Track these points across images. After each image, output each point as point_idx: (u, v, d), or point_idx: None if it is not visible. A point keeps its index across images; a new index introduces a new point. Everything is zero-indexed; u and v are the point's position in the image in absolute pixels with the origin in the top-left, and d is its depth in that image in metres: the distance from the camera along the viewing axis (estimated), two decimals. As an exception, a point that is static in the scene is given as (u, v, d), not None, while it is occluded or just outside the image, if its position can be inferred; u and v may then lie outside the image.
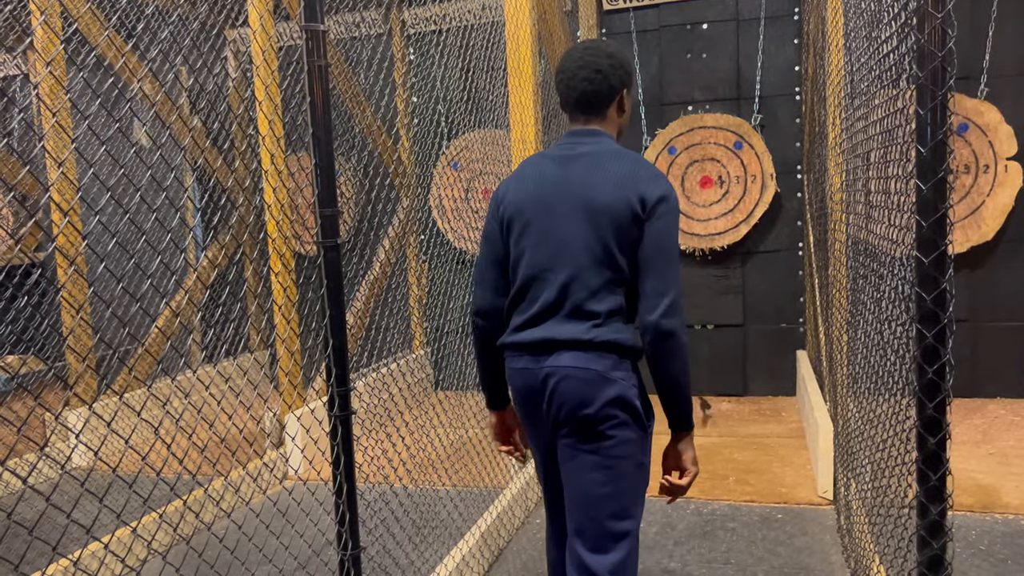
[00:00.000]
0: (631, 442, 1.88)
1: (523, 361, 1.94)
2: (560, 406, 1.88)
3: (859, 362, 2.84)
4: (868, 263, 2.57)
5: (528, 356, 1.93)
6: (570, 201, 1.89)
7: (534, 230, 1.92)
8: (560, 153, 1.97)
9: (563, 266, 1.88)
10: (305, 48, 2.09)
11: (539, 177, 1.95)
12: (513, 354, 1.98)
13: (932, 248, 1.61)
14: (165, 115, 5.35)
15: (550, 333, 1.89)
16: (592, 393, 1.85)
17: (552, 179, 1.93)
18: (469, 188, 6.01)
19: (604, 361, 1.85)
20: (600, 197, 1.85)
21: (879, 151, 2.25)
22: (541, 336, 1.90)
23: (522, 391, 1.97)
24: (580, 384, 1.85)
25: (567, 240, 1.88)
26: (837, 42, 3.37)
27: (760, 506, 3.75)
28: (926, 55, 1.57)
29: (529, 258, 1.93)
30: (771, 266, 5.63)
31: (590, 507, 1.89)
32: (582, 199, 1.87)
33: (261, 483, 3.99)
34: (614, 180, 1.86)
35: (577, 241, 1.87)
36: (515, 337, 1.96)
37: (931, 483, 1.67)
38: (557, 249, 1.89)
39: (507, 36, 4.01)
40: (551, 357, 1.89)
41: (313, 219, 5.85)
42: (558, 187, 1.91)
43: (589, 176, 1.89)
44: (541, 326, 1.91)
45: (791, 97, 5.53)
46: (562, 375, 1.87)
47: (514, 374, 1.98)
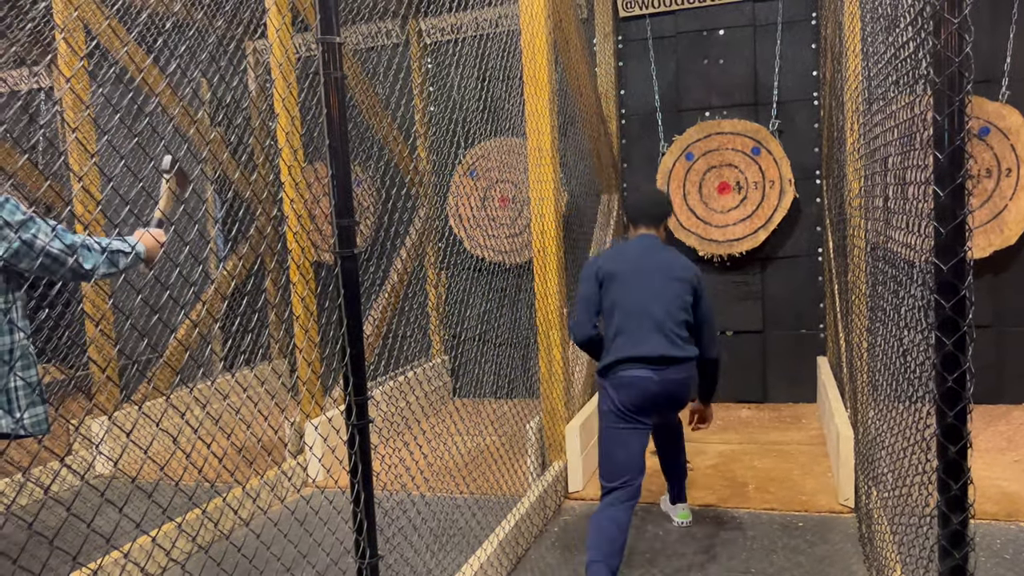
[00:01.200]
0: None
1: (643, 371, 3.02)
2: (668, 398, 3.09)
3: (879, 369, 2.81)
4: (887, 269, 2.54)
5: (647, 368, 3.02)
6: (656, 274, 3.11)
7: (630, 287, 3.10)
8: (640, 246, 3.22)
9: (657, 309, 3.05)
10: (321, 60, 2.11)
11: (629, 257, 3.18)
12: (631, 365, 3.03)
13: (951, 255, 1.59)
14: (185, 127, 5.41)
15: (659, 351, 3.01)
16: (684, 391, 3.13)
17: (639, 254, 3.18)
18: (486, 196, 6.02)
19: (689, 370, 3.12)
20: (675, 273, 3.13)
21: (897, 156, 2.23)
22: (657, 354, 3.01)
23: (639, 389, 3.02)
24: (679, 386, 3.10)
25: (657, 294, 3.08)
26: (854, 47, 3.35)
27: (780, 514, 3.71)
28: (943, 60, 1.56)
29: (628, 305, 3.07)
30: (791, 272, 5.59)
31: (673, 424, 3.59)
32: (664, 274, 3.11)
33: (280, 491, 4.01)
34: (678, 265, 3.16)
35: (663, 296, 3.08)
36: (631, 353, 3.03)
37: (952, 492, 1.65)
38: (651, 299, 3.07)
39: (523, 45, 4.02)
40: (666, 370, 3.03)
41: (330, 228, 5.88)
42: (646, 264, 3.14)
43: (666, 263, 3.15)
44: (648, 346, 3.02)
45: (809, 102, 5.50)
46: (671, 380, 3.06)
47: (633, 379, 3.03)
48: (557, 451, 4.13)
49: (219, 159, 5.72)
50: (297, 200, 4.19)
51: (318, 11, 2.09)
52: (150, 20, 4.85)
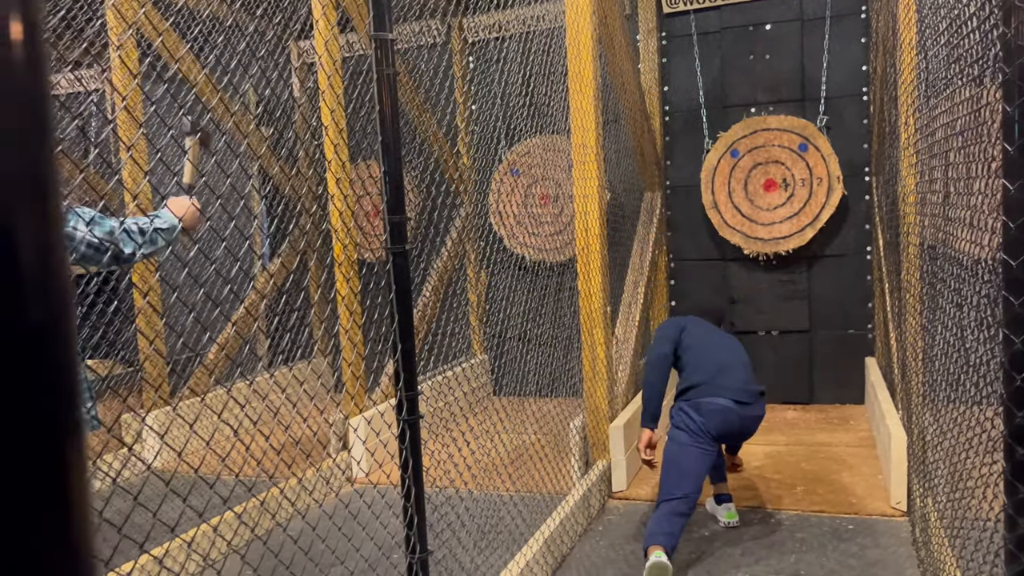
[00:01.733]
0: None
1: (729, 403, 3.35)
2: (743, 430, 3.44)
3: (937, 370, 2.75)
4: (947, 267, 2.48)
5: (732, 401, 3.35)
6: (725, 340, 3.68)
7: (711, 340, 3.62)
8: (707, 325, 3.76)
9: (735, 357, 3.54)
10: (374, 57, 2.12)
11: (700, 325, 3.71)
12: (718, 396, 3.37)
13: (1021, 250, 1.55)
14: (235, 126, 5.49)
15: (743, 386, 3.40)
16: (755, 426, 3.48)
17: (713, 329, 3.75)
18: (528, 194, 6.02)
19: (762, 410, 3.49)
20: (736, 342, 3.71)
21: (960, 151, 2.18)
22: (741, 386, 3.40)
23: (723, 417, 3.33)
24: (755, 421, 3.45)
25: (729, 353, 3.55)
26: (910, 40, 3.28)
27: (830, 516, 3.65)
28: (1013, 50, 1.52)
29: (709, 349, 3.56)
30: (838, 271, 5.50)
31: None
32: (729, 340, 3.69)
33: (332, 485, 4.05)
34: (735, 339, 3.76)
35: (734, 354, 3.56)
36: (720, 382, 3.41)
37: (1020, 495, 1.61)
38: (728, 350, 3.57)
39: (568, 42, 4.01)
40: (747, 407, 3.37)
41: (376, 226, 5.94)
42: (714, 333, 3.71)
43: (728, 335, 3.80)
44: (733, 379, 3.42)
45: (858, 97, 5.39)
46: (749, 417, 3.40)
47: (720, 408, 3.34)
48: (601, 450, 4.11)
49: (261, 156, 5.80)
50: (347, 196, 4.23)
51: (371, 8, 2.11)
52: (204, 22, 4.93)
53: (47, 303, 0.34)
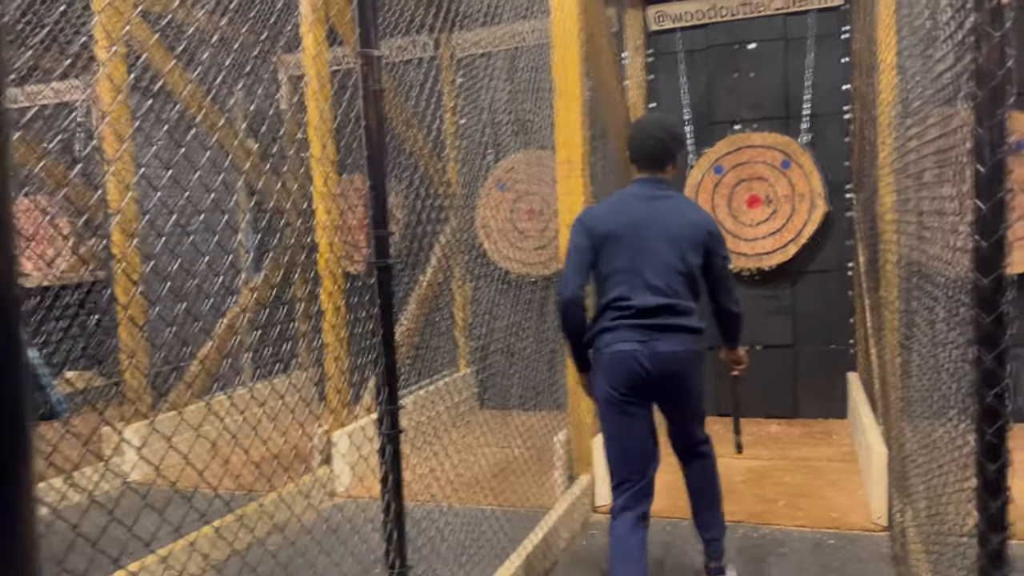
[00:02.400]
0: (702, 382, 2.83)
1: (629, 344, 2.64)
2: (663, 378, 2.66)
3: (913, 385, 2.78)
4: (922, 284, 2.52)
5: (635, 341, 2.63)
6: (658, 230, 2.68)
7: (628, 249, 2.67)
8: (643, 193, 2.78)
9: (655, 276, 2.65)
10: (360, 73, 2.14)
11: (630, 210, 2.74)
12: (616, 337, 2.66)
13: (991, 269, 1.58)
14: (223, 139, 5.49)
15: (649, 304, 2.63)
16: (684, 368, 2.69)
17: (641, 213, 2.72)
18: (514, 209, 6.04)
19: (689, 344, 2.68)
20: (679, 227, 2.69)
21: (933, 171, 2.22)
22: (646, 305, 2.63)
23: (625, 368, 2.65)
24: (676, 362, 2.66)
25: (658, 256, 2.66)
26: (889, 61, 3.34)
27: (812, 531, 3.67)
28: (984, 74, 1.55)
29: (626, 269, 2.66)
30: (821, 286, 5.55)
31: None
32: (667, 229, 2.68)
33: (312, 499, 4.04)
34: (689, 219, 2.72)
35: (666, 258, 2.66)
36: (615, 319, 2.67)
37: (991, 511, 1.63)
38: (650, 263, 2.65)
39: (554, 59, 4.04)
40: (657, 341, 2.63)
41: (362, 239, 5.95)
42: (647, 220, 2.70)
43: (670, 214, 2.72)
44: (637, 302, 2.63)
45: (840, 116, 5.46)
46: (663, 355, 2.64)
47: (618, 356, 2.65)
48: (584, 464, 4.12)
49: (246, 170, 5.80)
50: (332, 209, 4.24)
51: (357, 25, 2.13)
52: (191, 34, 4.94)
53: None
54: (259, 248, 6.38)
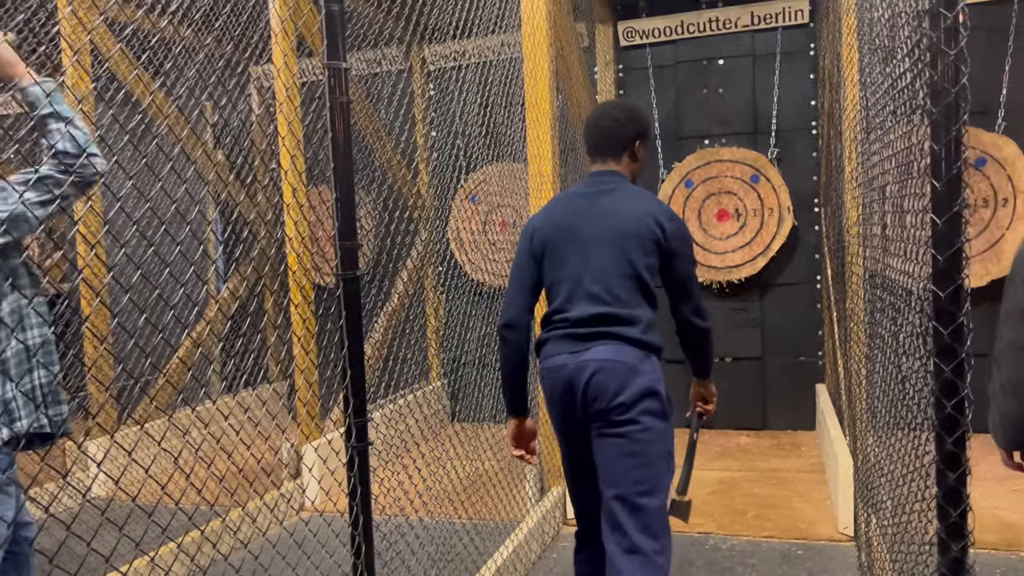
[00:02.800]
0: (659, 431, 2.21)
1: (560, 359, 2.25)
2: (592, 392, 2.18)
3: (878, 396, 2.82)
4: (885, 296, 2.56)
5: (565, 354, 2.24)
6: (600, 230, 2.26)
7: (569, 253, 2.28)
8: (587, 190, 2.36)
9: (596, 282, 2.23)
10: (327, 85, 2.14)
11: (569, 209, 2.34)
12: (551, 349, 2.29)
13: (948, 282, 1.61)
14: (190, 149, 5.45)
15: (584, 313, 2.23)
16: (616, 383, 2.16)
17: (581, 212, 2.31)
18: (487, 221, 6.05)
19: (628, 356, 2.19)
20: (626, 227, 2.24)
21: (895, 185, 2.26)
22: (581, 315, 2.23)
23: (557, 386, 2.26)
24: (613, 374, 2.17)
25: (600, 261, 2.24)
26: (852, 77, 3.40)
27: (780, 542, 3.70)
28: (939, 91, 1.59)
29: (566, 277, 2.27)
30: (789, 299, 5.61)
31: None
32: (610, 229, 2.25)
33: (278, 514, 3.99)
34: (637, 214, 2.25)
35: (608, 262, 2.23)
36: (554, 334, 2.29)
37: (951, 520, 1.66)
38: (591, 269, 2.24)
39: (526, 72, 4.07)
40: (588, 350, 2.20)
41: (332, 250, 5.91)
42: (587, 217, 2.29)
43: (614, 211, 2.27)
44: (582, 327, 2.23)
45: (807, 131, 5.55)
46: (594, 364, 2.18)
47: (550, 372, 2.28)
48: (556, 476, 4.12)
49: (223, 180, 5.76)
50: (301, 221, 4.21)
51: (325, 37, 2.13)
52: (157, 43, 4.90)
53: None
54: (227, 260, 6.32)
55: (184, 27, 5.07)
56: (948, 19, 1.57)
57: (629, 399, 2.14)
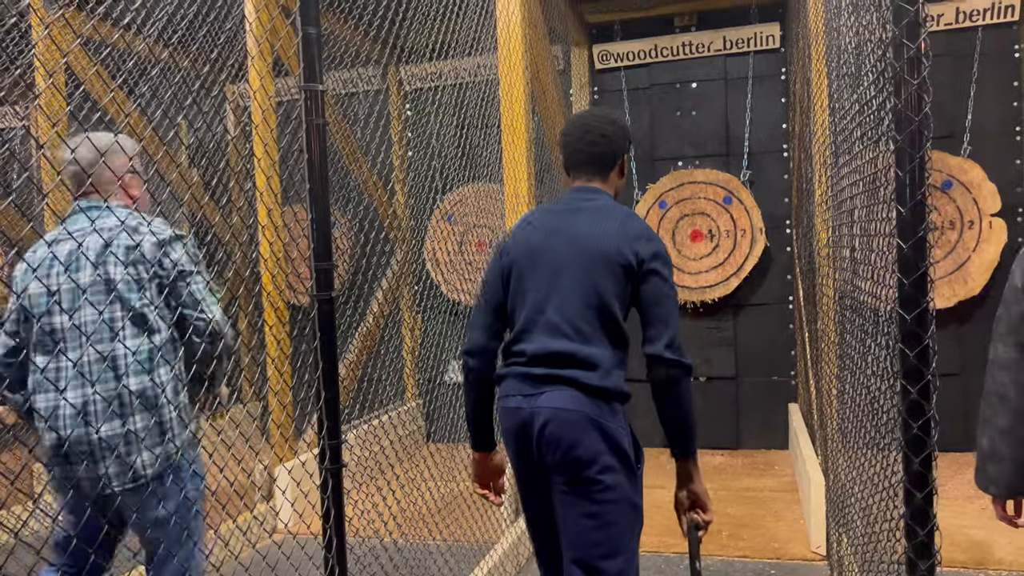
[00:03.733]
0: (626, 487, 1.96)
1: (515, 400, 2.01)
2: (547, 444, 1.95)
3: (848, 416, 2.86)
4: (854, 318, 2.60)
5: (520, 396, 2.00)
6: (566, 253, 2.02)
7: (532, 277, 2.05)
8: (561, 208, 2.13)
9: (557, 312, 1.99)
10: (304, 107, 2.15)
11: (539, 228, 2.10)
12: (508, 390, 2.05)
13: (914, 305, 1.64)
14: (164, 168, 5.42)
15: (542, 372, 1.98)
16: (581, 435, 1.91)
17: (551, 231, 2.08)
18: (463, 240, 6.07)
19: (589, 405, 1.93)
20: (594, 250, 2.00)
21: (862, 208, 2.30)
22: (539, 373, 1.98)
23: (512, 431, 2.03)
24: (567, 426, 1.92)
25: (562, 289, 2.00)
26: (822, 102, 3.47)
27: (753, 562, 3.72)
28: (903, 119, 1.63)
29: (527, 304, 2.05)
30: (762, 319, 5.67)
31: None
32: (577, 251, 2.01)
33: (251, 537, 3.94)
34: (608, 235, 2.01)
35: (571, 290, 1.99)
36: (511, 371, 2.05)
37: (919, 539, 1.68)
38: (552, 297, 2.01)
39: (501, 94, 4.10)
40: (542, 395, 1.96)
41: (307, 270, 5.89)
42: (555, 239, 2.05)
43: (584, 231, 2.04)
44: (538, 367, 1.99)
45: (779, 153, 5.64)
46: (549, 416, 1.94)
47: (506, 413, 2.05)
48: (531, 497, 4.11)
49: (197, 200, 5.73)
50: (276, 241, 4.20)
51: (301, 59, 2.14)
52: (132, 63, 4.88)
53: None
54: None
55: (160, 47, 5.06)
56: (911, 49, 1.61)
57: (586, 455, 1.90)
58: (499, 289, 2.12)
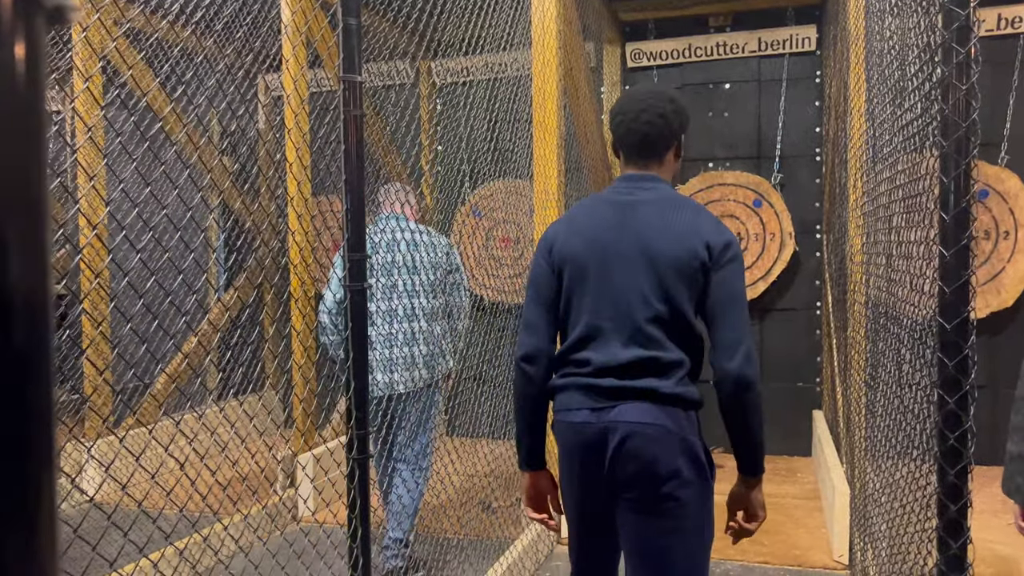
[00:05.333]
0: (701, 500, 1.87)
1: (581, 415, 1.87)
2: (626, 465, 1.82)
3: (878, 425, 2.83)
4: (889, 326, 2.57)
5: (587, 410, 1.86)
6: (631, 250, 1.86)
7: (592, 278, 1.89)
8: (617, 199, 1.94)
9: (624, 318, 1.84)
10: (342, 98, 2.16)
11: (596, 223, 1.92)
12: (570, 403, 1.90)
13: (955, 314, 1.62)
14: (200, 157, 5.47)
15: (614, 385, 1.84)
16: (661, 450, 1.80)
17: (610, 226, 1.90)
18: (489, 236, 6.07)
19: (670, 418, 1.82)
20: (663, 248, 1.83)
21: (901, 215, 2.27)
22: (608, 385, 1.84)
23: (576, 447, 1.88)
24: (648, 441, 1.80)
25: (628, 291, 1.85)
26: (859, 107, 3.43)
27: (774, 568, 3.69)
28: (950, 125, 1.60)
29: (587, 308, 1.89)
30: (788, 324, 5.62)
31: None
32: (644, 249, 1.85)
33: (278, 523, 3.97)
34: (677, 230, 1.84)
35: (639, 292, 1.84)
36: (572, 382, 1.90)
37: (951, 551, 1.67)
38: (617, 300, 1.86)
39: (534, 90, 4.10)
40: (615, 408, 1.83)
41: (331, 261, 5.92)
42: (618, 234, 1.88)
43: (650, 225, 1.86)
44: (606, 378, 1.85)
45: (811, 158, 5.58)
46: (628, 431, 1.81)
47: (567, 428, 1.90)
48: (551, 494, 4.11)
49: (222, 188, 5.77)
50: (308, 230, 4.23)
51: (341, 50, 2.15)
52: (172, 52, 4.93)
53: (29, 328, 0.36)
54: (230, 267, 6.32)
55: (197, 35, 5.11)
56: (960, 54, 1.59)
57: (665, 471, 1.80)
58: (554, 285, 1.94)
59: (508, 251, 6.01)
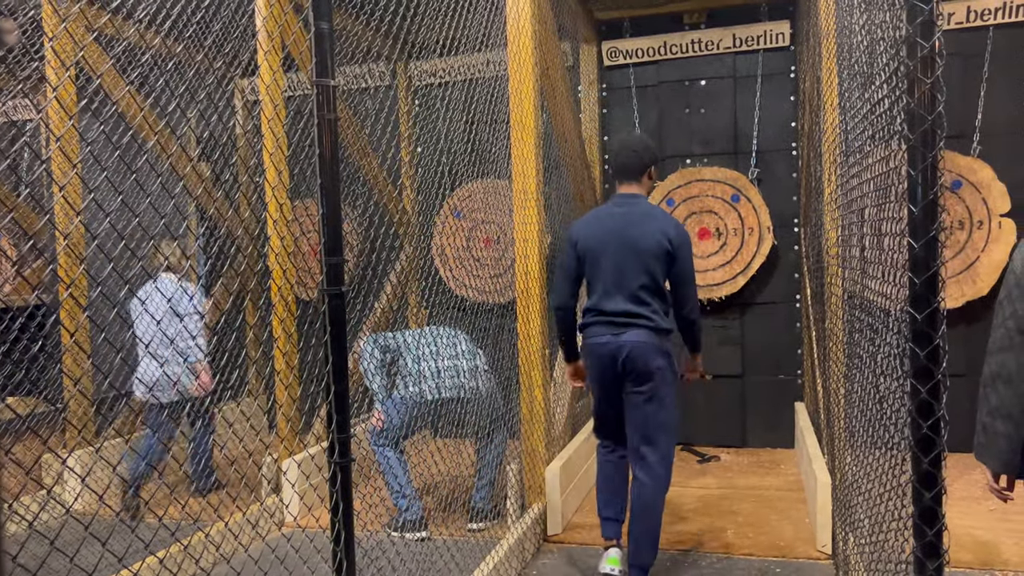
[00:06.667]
0: (669, 380, 3.27)
1: (604, 337, 3.22)
2: (628, 361, 3.18)
3: (856, 415, 2.86)
4: (863, 317, 2.60)
5: (608, 333, 3.21)
6: (626, 243, 3.21)
7: (603, 261, 3.24)
8: (616, 210, 3.30)
9: (624, 285, 3.20)
10: (315, 102, 2.15)
11: (604, 226, 3.27)
12: (595, 328, 3.26)
13: (925, 305, 1.64)
14: (175, 162, 5.43)
15: (620, 308, 3.19)
16: (645, 355, 3.17)
17: (612, 228, 3.25)
18: (471, 236, 6.07)
19: (651, 337, 3.18)
20: (645, 241, 3.19)
21: (873, 208, 2.30)
22: (620, 309, 3.20)
23: (601, 356, 3.23)
24: (640, 349, 3.17)
25: (625, 268, 3.20)
26: (832, 101, 3.46)
27: (759, 559, 3.72)
28: (916, 118, 1.62)
29: (601, 279, 3.24)
30: (769, 317, 5.67)
31: None
32: (633, 243, 3.20)
33: (260, 529, 3.95)
34: (652, 229, 3.20)
35: (632, 269, 3.19)
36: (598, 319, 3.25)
37: (927, 538, 1.68)
38: (619, 274, 3.21)
39: (511, 90, 4.10)
40: (625, 332, 3.19)
41: (315, 265, 5.91)
42: (617, 234, 3.23)
43: (636, 227, 3.22)
44: (619, 318, 3.20)
45: (788, 152, 5.63)
46: (629, 342, 3.17)
47: (596, 346, 3.24)
48: (536, 493, 4.12)
49: (207, 192, 5.74)
50: (287, 236, 4.21)
51: (314, 55, 2.15)
52: (139, 56, 4.90)
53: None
54: (209, 273, 6.28)
55: (170, 40, 5.07)
56: (924, 48, 1.61)
57: (652, 366, 3.17)
58: (578, 266, 3.31)
59: (489, 251, 6.02)
